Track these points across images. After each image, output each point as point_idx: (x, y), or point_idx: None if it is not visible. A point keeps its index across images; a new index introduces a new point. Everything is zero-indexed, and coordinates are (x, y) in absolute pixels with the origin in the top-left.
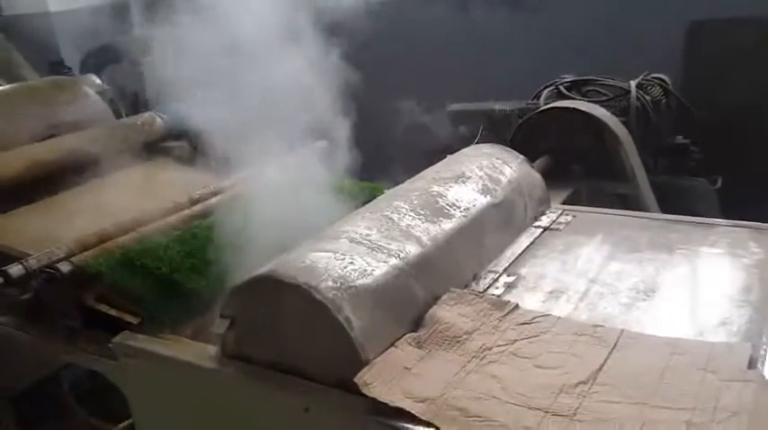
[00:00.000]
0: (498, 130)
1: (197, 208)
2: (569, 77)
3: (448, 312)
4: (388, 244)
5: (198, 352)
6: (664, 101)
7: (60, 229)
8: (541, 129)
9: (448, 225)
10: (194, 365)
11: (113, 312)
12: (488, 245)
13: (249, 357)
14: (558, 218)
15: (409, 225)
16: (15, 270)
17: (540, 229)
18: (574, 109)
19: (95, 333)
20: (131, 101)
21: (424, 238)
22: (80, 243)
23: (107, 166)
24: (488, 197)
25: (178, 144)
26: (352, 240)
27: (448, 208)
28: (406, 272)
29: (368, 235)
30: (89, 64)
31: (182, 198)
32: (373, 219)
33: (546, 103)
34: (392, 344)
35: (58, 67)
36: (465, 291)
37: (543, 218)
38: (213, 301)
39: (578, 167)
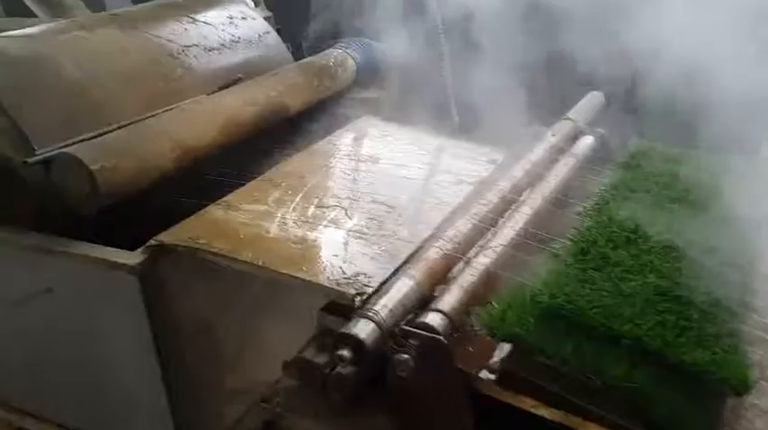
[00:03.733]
0: None
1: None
2: None
3: None
4: None
5: None
6: None
7: (317, 239)
8: None
9: None
10: None
11: None
12: None
13: None
14: None
15: None
16: (367, 331)
17: None
18: None
19: None
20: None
21: None
22: (427, 269)
23: (311, 127)
24: None
25: (377, 94)
26: None
27: None
28: None
29: None
30: None
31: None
32: None
33: None
34: None
35: None
36: None
37: None
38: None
39: None
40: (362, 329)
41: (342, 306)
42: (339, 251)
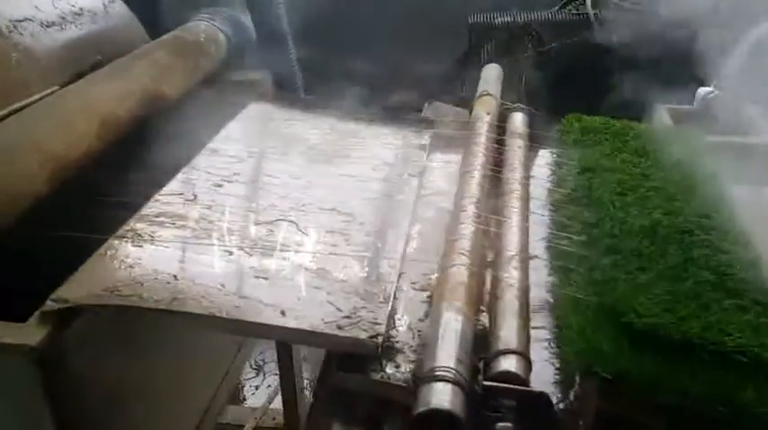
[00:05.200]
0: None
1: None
2: None
3: None
4: None
5: None
6: None
7: (281, 269)
8: None
9: None
10: None
11: None
12: None
13: None
14: None
15: None
16: (453, 400)
17: None
18: None
19: None
20: None
21: None
22: (469, 297)
23: (194, 119)
24: None
25: (256, 76)
26: None
27: None
28: None
29: None
30: None
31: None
32: None
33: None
34: None
35: None
36: None
37: None
38: None
39: None
40: (447, 399)
41: (359, 358)
42: (315, 281)
